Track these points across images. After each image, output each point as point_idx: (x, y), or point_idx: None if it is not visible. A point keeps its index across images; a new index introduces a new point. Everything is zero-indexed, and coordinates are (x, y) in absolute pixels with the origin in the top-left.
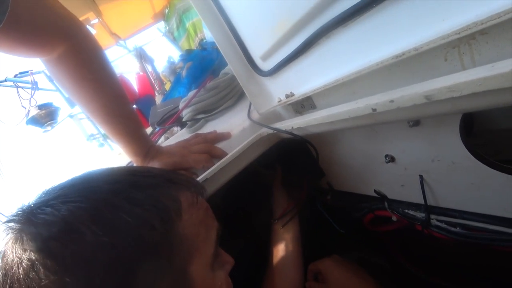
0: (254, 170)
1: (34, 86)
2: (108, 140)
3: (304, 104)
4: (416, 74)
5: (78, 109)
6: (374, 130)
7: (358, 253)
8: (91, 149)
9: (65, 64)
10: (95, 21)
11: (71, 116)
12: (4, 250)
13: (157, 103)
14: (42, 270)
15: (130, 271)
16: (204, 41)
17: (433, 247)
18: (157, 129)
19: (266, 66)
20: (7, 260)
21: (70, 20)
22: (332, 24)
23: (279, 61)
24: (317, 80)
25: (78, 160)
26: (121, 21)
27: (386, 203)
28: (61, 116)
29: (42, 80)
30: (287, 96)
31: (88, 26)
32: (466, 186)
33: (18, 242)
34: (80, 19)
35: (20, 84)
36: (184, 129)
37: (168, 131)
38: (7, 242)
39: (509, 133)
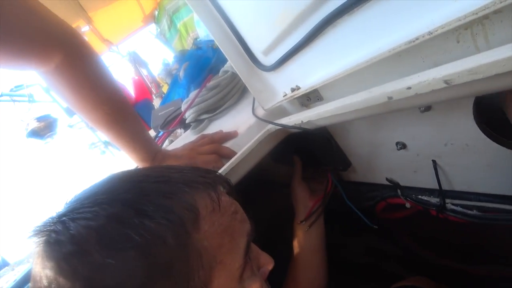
0: (266, 164)
1: (31, 99)
2: (110, 147)
3: (310, 97)
4: (428, 59)
5: (77, 119)
6: (383, 118)
7: (368, 238)
8: (94, 157)
9: (63, 74)
10: (85, 28)
11: (70, 126)
12: (34, 262)
13: (155, 106)
14: None
15: None
16: (198, 39)
17: (443, 229)
18: (160, 133)
19: (268, 60)
20: (34, 273)
21: (64, 28)
22: (337, 12)
23: (282, 54)
24: (323, 71)
25: (82, 169)
26: (112, 26)
27: (398, 191)
28: (60, 126)
29: (38, 92)
30: (292, 90)
31: None
32: (481, 167)
33: (40, 257)
34: None
35: (16, 98)
36: (188, 131)
37: (172, 134)
38: (36, 255)
39: None
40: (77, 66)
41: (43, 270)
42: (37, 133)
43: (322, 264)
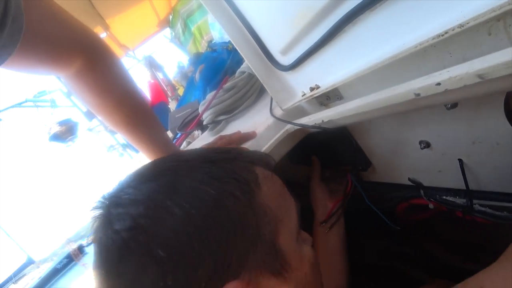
0: (286, 167)
1: (53, 104)
2: (128, 150)
3: (329, 96)
4: (456, 53)
5: (96, 122)
6: (406, 116)
7: (387, 241)
8: (112, 159)
9: (84, 78)
10: (103, 35)
11: (90, 130)
12: (95, 235)
13: (171, 109)
14: (134, 248)
15: (221, 244)
16: (213, 42)
17: (467, 231)
18: (178, 135)
19: (286, 60)
20: (100, 243)
21: (84, 33)
22: (358, 9)
23: (300, 53)
24: (344, 69)
25: (102, 171)
26: (128, 32)
27: (421, 191)
28: (80, 130)
29: (59, 97)
30: (311, 89)
31: None
32: (510, 167)
33: (107, 225)
34: None
35: (39, 104)
36: (206, 132)
37: (190, 136)
38: (97, 228)
39: None
40: (98, 70)
41: (114, 235)
42: (59, 137)
43: (343, 266)
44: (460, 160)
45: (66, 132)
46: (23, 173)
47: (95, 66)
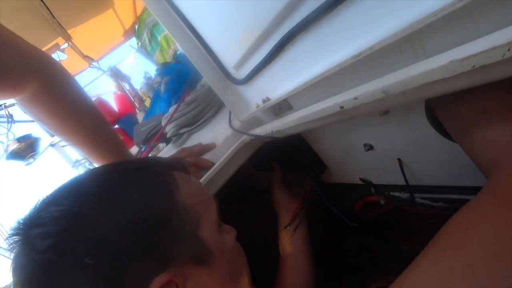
0: (249, 172)
1: (10, 119)
2: (95, 165)
3: (281, 106)
4: (377, 69)
5: (59, 138)
6: (349, 122)
7: (357, 238)
8: None
9: (40, 101)
10: (65, 45)
11: (52, 145)
12: (17, 261)
13: (139, 120)
14: (61, 263)
15: (147, 244)
16: (178, 53)
17: (420, 223)
18: (143, 149)
19: (240, 74)
20: (24, 268)
21: (37, 57)
22: (294, 31)
23: (251, 69)
24: (289, 83)
25: None
26: (91, 42)
27: (372, 189)
28: (42, 146)
29: (17, 112)
30: (263, 101)
31: (58, 52)
32: (440, 163)
33: (29, 247)
34: (50, 44)
35: None
36: (169, 145)
37: (154, 149)
38: (18, 253)
39: None
40: (54, 93)
41: (38, 255)
42: (17, 155)
43: (309, 266)
44: (399, 159)
45: (26, 149)
46: None
47: (51, 88)
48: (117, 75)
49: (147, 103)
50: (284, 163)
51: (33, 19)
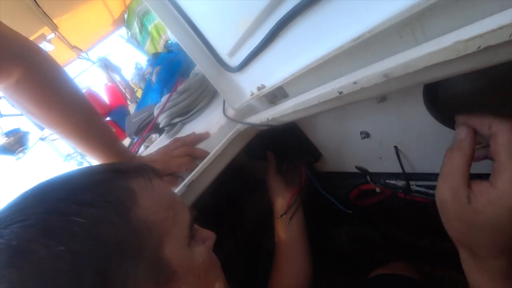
0: (243, 163)
1: None
2: (87, 158)
3: (276, 94)
4: (376, 53)
5: (49, 131)
6: (345, 109)
7: (350, 227)
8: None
9: (25, 88)
10: (51, 36)
11: (42, 139)
12: None
13: (131, 112)
14: None
15: (99, 272)
16: (170, 42)
17: (416, 211)
18: (135, 140)
19: (234, 62)
20: None
21: (21, 43)
22: (289, 16)
23: (245, 56)
24: (285, 69)
25: None
26: (79, 32)
27: (368, 177)
28: (31, 140)
29: (4, 106)
30: (258, 89)
31: (45, 42)
32: (437, 150)
33: None
34: (35, 35)
35: None
36: (162, 135)
37: (147, 140)
38: None
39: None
40: (39, 80)
41: None
42: (6, 149)
43: (305, 254)
44: (395, 147)
45: (15, 143)
46: None
47: (36, 75)
48: (107, 66)
49: (139, 94)
50: (279, 152)
51: (16, 7)
